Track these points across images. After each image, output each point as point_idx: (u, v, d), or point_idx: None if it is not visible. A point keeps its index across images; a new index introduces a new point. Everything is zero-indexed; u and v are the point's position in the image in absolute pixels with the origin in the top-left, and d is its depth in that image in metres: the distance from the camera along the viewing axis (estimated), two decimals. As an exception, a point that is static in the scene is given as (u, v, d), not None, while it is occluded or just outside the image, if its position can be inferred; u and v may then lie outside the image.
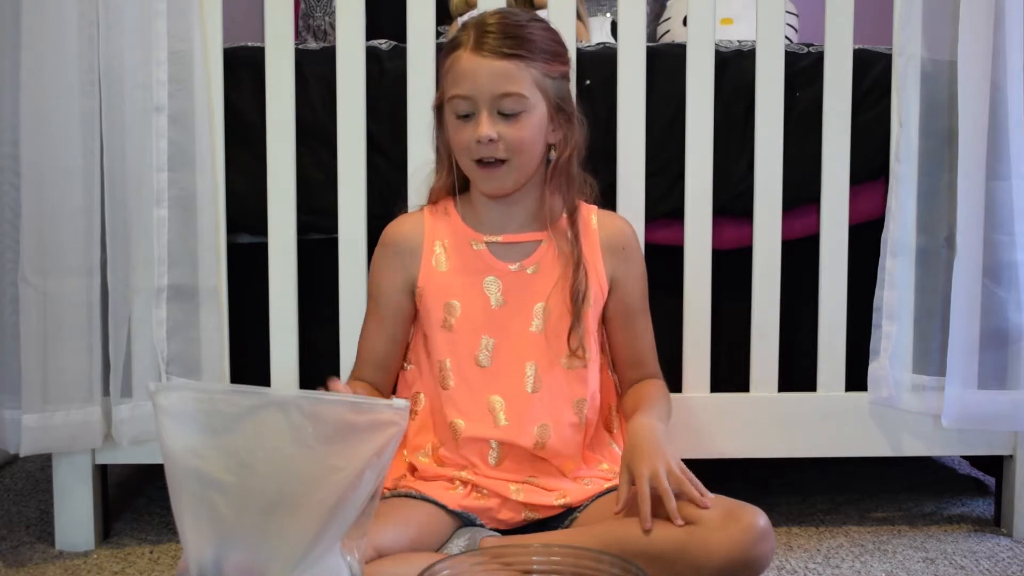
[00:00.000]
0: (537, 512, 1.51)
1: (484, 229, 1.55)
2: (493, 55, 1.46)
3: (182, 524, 1.21)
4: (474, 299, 1.52)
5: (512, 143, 1.47)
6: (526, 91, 1.47)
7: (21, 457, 1.70)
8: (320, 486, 1.17)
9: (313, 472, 1.17)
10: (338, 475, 1.16)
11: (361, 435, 1.16)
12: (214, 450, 1.19)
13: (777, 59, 1.72)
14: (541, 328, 1.52)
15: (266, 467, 1.18)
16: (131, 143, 1.62)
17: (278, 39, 1.70)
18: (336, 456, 1.16)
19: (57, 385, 1.61)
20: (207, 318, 1.67)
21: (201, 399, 1.19)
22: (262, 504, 1.18)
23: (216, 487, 1.19)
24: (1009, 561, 1.66)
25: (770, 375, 1.76)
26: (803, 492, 1.96)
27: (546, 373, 1.52)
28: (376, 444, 1.16)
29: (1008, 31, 1.64)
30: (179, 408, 1.19)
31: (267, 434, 1.18)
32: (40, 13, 1.56)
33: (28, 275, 1.59)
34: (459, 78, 1.47)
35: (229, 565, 1.20)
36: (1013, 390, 1.69)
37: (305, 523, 1.18)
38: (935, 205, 1.70)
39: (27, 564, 1.64)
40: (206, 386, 1.23)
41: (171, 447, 1.19)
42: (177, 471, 1.20)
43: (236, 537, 1.19)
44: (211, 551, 1.20)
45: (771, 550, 1.38)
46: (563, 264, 1.53)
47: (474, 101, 1.46)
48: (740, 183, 1.75)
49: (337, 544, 1.21)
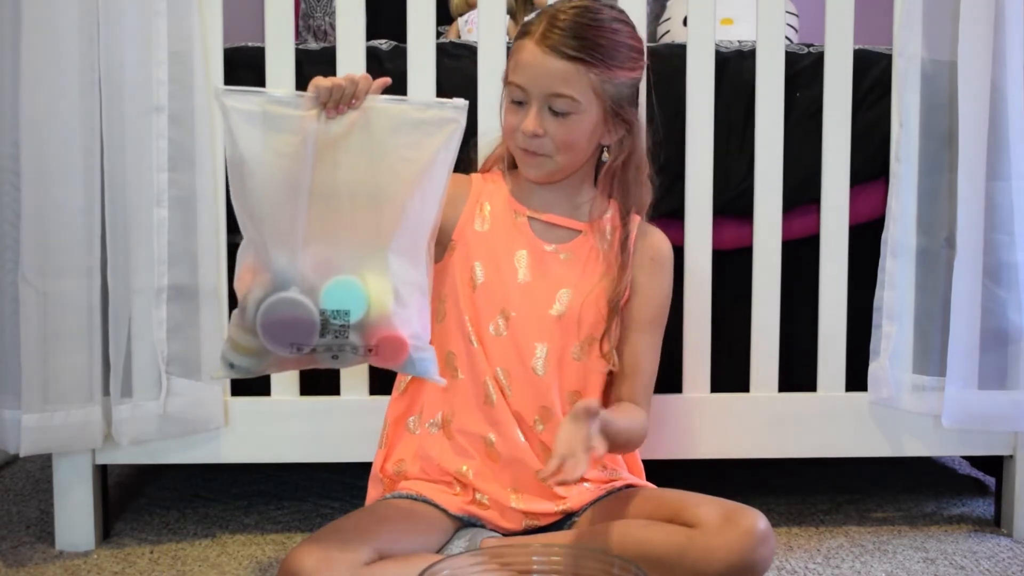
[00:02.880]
0: (537, 520, 1.51)
1: (529, 204, 1.55)
2: (553, 53, 1.45)
3: (253, 225, 1.28)
4: (502, 267, 1.51)
5: (557, 141, 1.47)
6: (579, 95, 1.46)
7: (21, 457, 1.70)
8: (395, 177, 1.29)
9: (387, 163, 1.28)
10: (410, 166, 1.28)
11: (426, 128, 1.29)
12: (290, 148, 1.27)
13: (777, 59, 1.72)
14: (562, 313, 1.51)
15: (344, 161, 1.28)
16: (131, 143, 1.61)
17: (278, 39, 1.70)
18: (406, 148, 1.28)
19: (57, 385, 1.61)
20: (207, 318, 1.67)
21: (270, 101, 1.27)
22: (341, 199, 1.28)
23: (295, 183, 1.27)
24: (1009, 561, 1.66)
25: (770, 375, 1.76)
26: (803, 492, 1.96)
27: (554, 358, 1.51)
28: (440, 138, 1.29)
29: (1008, 32, 1.63)
30: (251, 110, 1.27)
31: (340, 131, 1.28)
32: (40, 12, 1.56)
33: (28, 275, 1.59)
34: (519, 66, 1.48)
35: (306, 263, 1.28)
36: (1013, 390, 1.69)
37: (386, 212, 1.28)
38: (935, 205, 1.70)
39: (27, 564, 1.64)
40: (271, 91, 1.29)
41: (246, 148, 1.26)
42: (250, 172, 1.27)
43: (313, 234, 1.28)
44: (286, 252, 1.27)
45: (771, 553, 1.38)
46: (596, 262, 1.53)
47: (527, 92, 1.47)
48: (740, 183, 1.75)
49: (418, 249, 1.33)
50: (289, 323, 1.29)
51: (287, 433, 1.72)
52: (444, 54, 1.74)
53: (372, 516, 1.46)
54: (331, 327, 1.29)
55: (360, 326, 1.31)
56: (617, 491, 1.53)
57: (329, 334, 1.29)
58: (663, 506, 1.44)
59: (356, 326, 1.30)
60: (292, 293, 1.28)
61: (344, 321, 1.29)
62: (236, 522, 1.82)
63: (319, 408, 1.72)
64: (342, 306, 1.29)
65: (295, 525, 1.81)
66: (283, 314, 1.28)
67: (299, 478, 2.02)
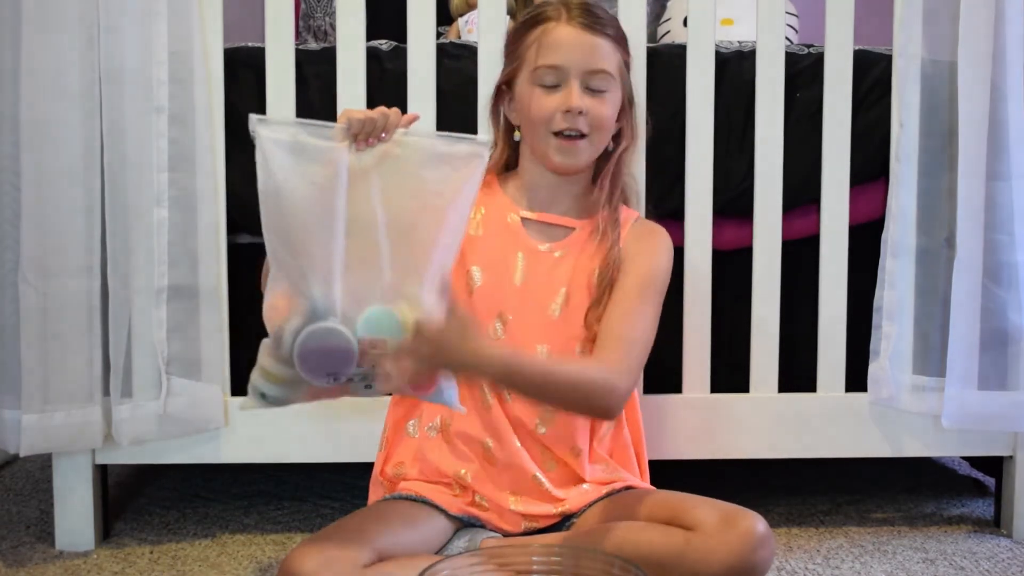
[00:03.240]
0: (536, 522, 1.51)
1: (523, 205, 1.55)
2: (591, 31, 1.48)
3: (288, 255, 1.29)
4: (499, 270, 1.51)
5: (595, 119, 1.48)
6: (614, 71, 1.49)
7: (21, 457, 1.70)
8: (427, 209, 1.30)
9: (419, 196, 1.30)
10: (440, 199, 1.30)
11: (454, 163, 1.31)
12: (323, 178, 1.28)
13: (777, 60, 1.72)
14: (559, 313, 1.51)
15: (376, 193, 1.29)
16: (132, 143, 1.61)
17: (278, 39, 1.70)
18: (436, 182, 1.30)
19: (57, 385, 1.61)
20: (207, 318, 1.67)
21: (303, 132, 1.29)
22: (375, 229, 1.29)
23: (330, 212, 1.28)
24: (1009, 562, 1.66)
25: (770, 375, 1.76)
26: (803, 493, 1.96)
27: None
28: (467, 172, 1.31)
29: (1008, 32, 1.63)
30: (284, 140, 1.28)
31: (371, 162, 1.30)
32: (41, 13, 1.56)
33: (28, 275, 1.59)
34: (552, 49, 1.48)
35: (342, 293, 1.29)
36: (1013, 391, 1.68)
37: (419, 245, 1.30)
38: (935, 205, 1.70)
39: (27, 564, 1.64)
40: (304, 121, 1.30)
41: (280, 177, 1.27)
42: (284, 202, 1.28)
43: (348, 264, 1.28)
44: (322, 281, 1.28)
45: (771, 555, 1.38)
46: (592, 257, 1.53)
47: (564, 72, 1.47)
48: (740, 183, 1.75)
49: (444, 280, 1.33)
50: (327, 353, 1.29)
51: (287, 433, 1.72)
52: (444, 54, 1.74)
53: (372, 517, 1.46)
54: (368, 356, 1.29)
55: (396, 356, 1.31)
56: (616, 493, 1.53)
57: (366, 364, 1.30)
58: (662, 508, 1.44)
59: (392, 356, 1.30)
60: (330, 323, 1.28)
61: (381, 351, 1.30)
62: (236, 522, 1.82)
63: (319, 408, 1.71)
64: (379, 335, 1.29)
65: (295, 525, 1.81)
66: (321, 344, 1.28)
67: (299, 478, 2.02)
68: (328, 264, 1.28)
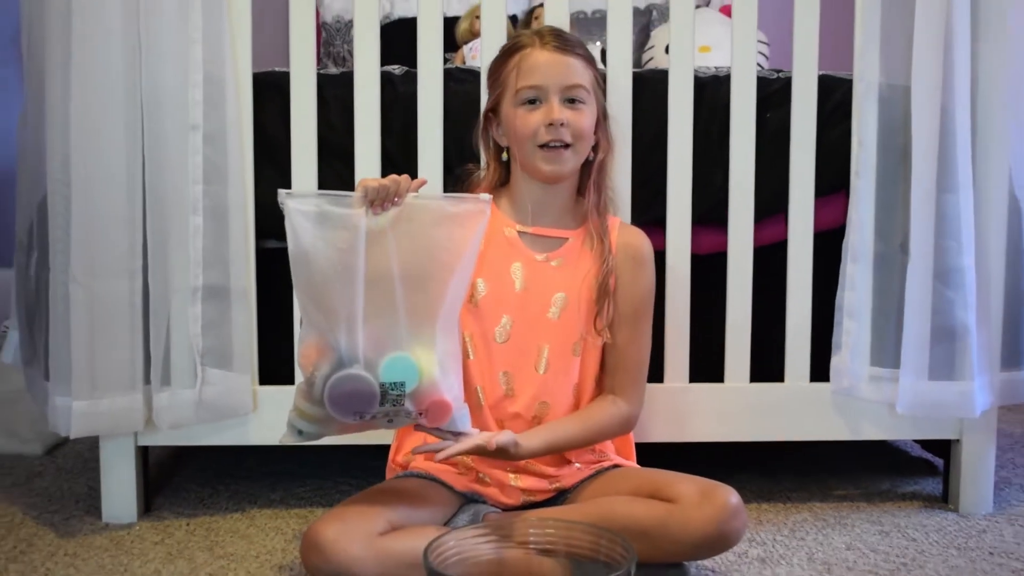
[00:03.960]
0: (533, 496, 1.51)
1: (518, 219, 1.55)
2: (563, 52, 1.50)
3: (316, 311, 1.33)
4: (500, 280, 1.52)
5: (576, 129, 1.49)
6: (588, 86, 1.50)
7: (71, 439, 1.70)
8: (437, 263, 1.34)
9: (429, 252, 1.34)
10: (449, 254, 1.35)
11: (459, 220, 1.35)
12: (345, 242, 1.32)
13: (750, 84, 1.73)
14: (557, 316, 1.52)
15: (392, 251, 1.33)
16: (170, 158, 1.62)
17: (302, 65, 1.70)
18: (445, 239, 1.34)
19: (104, 375, 1.61)
20: (238, 315, 1.67)
21: (326, 202, 1.33)
22: (394, 283, 1.33)
23: (351, 272, 1.31)
24: (955, 533, 1.67)
25: (742, 367, 1.76)
26: (771, 472, 1.97)
27: (557, 357, 1.51)
28: (472, 228, 1.36)
29: (956, 61, 1.64)
30: (309, 210, 1.32)
31: (386, 224, 1.33)
32: (89, 40, 1.57)
33: (78, 276, 1.59)
34: (530, 71, 1.49)
35: (364, 341, 1.32)
36: (960, 381, 1.69)
37: (431, 295, 1.34)
38: (891, 215, 1.70)
39: (76, 535, 1.64)
40: (328, 193, 1.33)
41: (307, 243, 1.32)
42: (312, 265, 1.32)
43: (369, 315, 1.32)
44: (347, 332, 1.32)
45: (743, 525, 1.39)
46: (586, 263, 1.53)
47: (544, 90, 1.48)
48: (716, 195, 1.75)
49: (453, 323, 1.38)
50: (353, 395, 1.33)
51: (309, 418, 1.72)
52: (450, 78, 1.74)
53: (386, 492, 1.47)
54: (389, 397, 1.33)
55: (413, 395, 1.34)
56: (605, 470, 1.54)
57: (387, 403, 1.34)
58: (646, 484, 1.45)
59: (410, 395, 1.34)
60: (355, 369, 1.32)
61: (400, 391, 1.34)
62: (264, 498, 1.83)
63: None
64: (398, 378, 1.33)
65: (317, 500, 1.82)
66: (348, 388, 1.32)
67: (320, 459, 2.02)
68: (351, 316, 1.32)
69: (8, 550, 1.58)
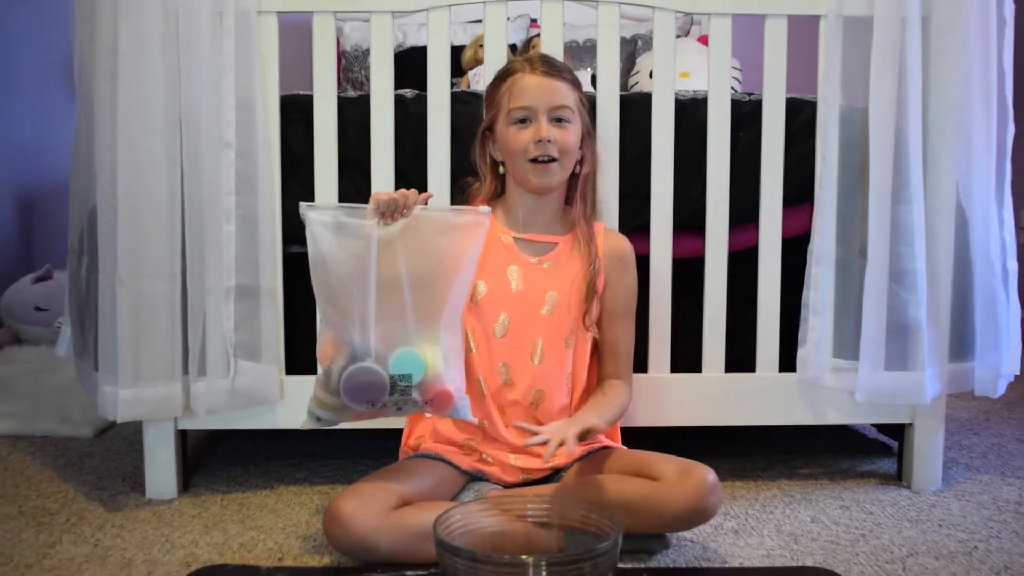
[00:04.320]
0: (531, 475, 1.52)
1: (513, 226, 1.55)
2: (551, 76, 1.50)
3: (333, 310, 1.35)
4: (498, 281, 1.52)
5: (562, 145, 1.49)
6: (573, 106, 1.50)
7: (118, 424, 1.70)
8: (442, 269, 1.36)
9: (435, 258, 1.35)
10: (453, 260, 1.36)
11: (461, 230, 1.37)
12: (358, 249, 1.33)
13: (725, 106, 1.73)
14: (550, 312, 1.52)
15: (401, 257, 1.34)
16: (206, 172, 1.62)
17: (323, 89, 1.70)
18: (448, 247, 1.36)
19: (147, 366, 1.62)
20: (266, 313, 1.67)
21: (342, 213, 1.35)
22: (402, 286, 1.34)
23: (364, 276, 1.33)
24: (908, 508, 1.67)
25: (718, 359, 1.76)
26: (744, 454, 1.97)
27: (550, 350, 1.52)
28: (472, 237, 1.37)
29: (909, 85, 1.64)
30: (327, 221, 1.34)
31: (395, 233, 1.35)
32: (133, 68, 1.57)
33: (124, 279, 1.59)
34: (520, 94, 1.49)
35: (376, 338, 1.34)
36: (912, 371, 1.69)
37: (436, 297, 1.35)
38: (851, 223, 1.70)
39: (123, 509, 1.65)
40: (344, 205, 1.35)
41: (325, 250, 1.34)
42: (329, 269, 1.34)
43: (380, 314, 1.33)
44: (360, 329, 1.33)
45: (719, 500, 1.39)
46: (574, 265, 1.54)
47: (533, 110, 1.48)
48: (695, 205, 1.76)
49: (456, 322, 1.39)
50: (365, 386, 1.34)
51: (331, 405, 1.72)
52: (457, 100, 1.74)
53: (399, 471, 1.47)
54: (398, 387, 1.35)
55: (419, 386, 1.35)
56: (596, 451, 1.54)
57: (396, 393, 1.35)
58: (632, 463, 1.45)
59: (416, 386, 1.35)
60: (368, 363, 1.34)
61: (408, 383, 1.35)
62: (290, 476, 1.83)
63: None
64: (406, 371, 1.35)
65: (337, 478, 1.82)
66: (361, 379, 1.33)
67: (341, 441, 2.02)
68: (364, 315, 1.33)
69: (62, 522, 1.59)
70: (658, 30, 1.72)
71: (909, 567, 1.42)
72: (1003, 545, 1.51)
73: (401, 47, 3.25)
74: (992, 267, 1.70)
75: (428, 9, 1.68)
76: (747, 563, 1.43)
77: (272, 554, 1.46)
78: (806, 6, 1.71)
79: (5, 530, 1.55)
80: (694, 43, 3.11)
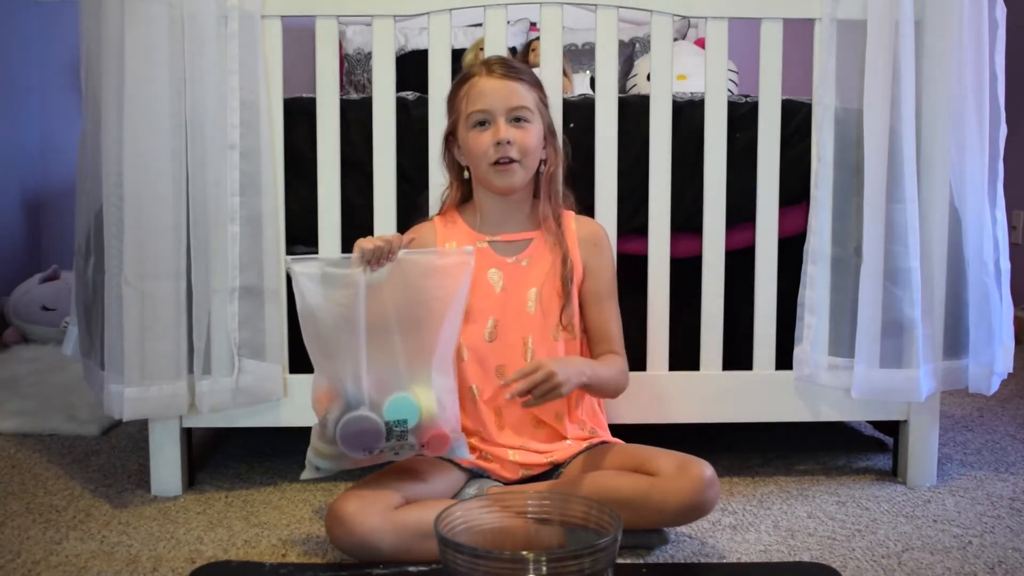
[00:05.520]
0: (531, 471, 1.52)
1: (485, 230, 1.55)
2: (507, 78, 1.48)
3: (325, 360, 1.34)
4: (481, 287, 1.51)
5: (522, 146, 1.47)
6: (532, 107, 1.49)
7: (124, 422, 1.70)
8: (430, 311, 1.34)
9: (423, 301, 1.34)
10: (440, 302, 1.35)
11: (447, 271, 1.36)
12: (346, 299, 1.32)
13: (721, 107, 1.73)
14: (535, 309, 1.52)
15: (388, 302, 1.33)
16: (210, 174, 1.62)
17: (326, 91, 1.70)
18: (436, 289, 1.35)
19: (152, 365, 1.61)
20: (270, 312, 1.67)
21: (327, 265, 1.34)
22: (392, 331, 1.33)
23: (353, 325, 1.32)
24: (903, 503, 1.67)
25: (716, 357, 1.76)
26: (741, 450, 1.97)
27: (540, 344, 1.51)
28: (458, 278, 1.35)
29: (903, 87, 1.64)
30: (313, 273, 1.33)
31: (381, 278, 1.33)
32: (139, 71, 1.57)
33: (129, 278, 1.59)
34: (478, 97, 1.48)
35: (369, 385, 1.33)
36: (907, 369, 1.69)
37: (426, 339, 1.34)
38: (846, 222, 1.70)
39: (128, 506, 1.65)
40: (329, 257, 1.34)
41: (313, 302, 1.33)
42: (319, 321, 1.33)
43: (371, 361, 1.32)
44: (353, 378, 1.32)
45: (717, 496, 1.39)
46: (551, 257, 1.53)
47: (492, 113, 1.47)
48: (692, 205, 1.76)
49: (448, 362, 1.38)
50: (361, 434, 1.33)
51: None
52: (458, 103, 1.74)
53: (400, 470, 1.46)
54: (394, 433, 1.34)
55: (415, 430, 1.35)
56: (594, 447, 1.54)
57: (393, 438, 1.35)
58: (630, 459, 1.45)
59: (412, 430, 1.35)
60: (362, 411, 1.33)
61: (403, 428, 1.34)
62: (293, 474, 1.83)
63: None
64: (401, 416, 1.34)
65: (340, 477, 1.81)
66: (356, 428, 1.33)
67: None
68: (356, 364, 1.32)
69: (69, 519, 1.58)
70: (655, 33, 1.72)
71: (904, 562, 1.42)
72: (997, 540, 1.51)
73: (403, 50, 3.25)
74: (985, 265, 1.70)
75: (429, 13, 1.68)
76: (745, 558, 1.43)
77: (276, 551, 1.45)
78: (801, 9, 1.71)
79: (13, 527, 1.55)
80: (691, 46, 3.11)
